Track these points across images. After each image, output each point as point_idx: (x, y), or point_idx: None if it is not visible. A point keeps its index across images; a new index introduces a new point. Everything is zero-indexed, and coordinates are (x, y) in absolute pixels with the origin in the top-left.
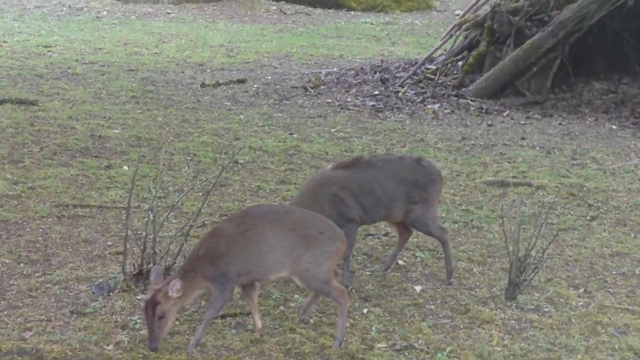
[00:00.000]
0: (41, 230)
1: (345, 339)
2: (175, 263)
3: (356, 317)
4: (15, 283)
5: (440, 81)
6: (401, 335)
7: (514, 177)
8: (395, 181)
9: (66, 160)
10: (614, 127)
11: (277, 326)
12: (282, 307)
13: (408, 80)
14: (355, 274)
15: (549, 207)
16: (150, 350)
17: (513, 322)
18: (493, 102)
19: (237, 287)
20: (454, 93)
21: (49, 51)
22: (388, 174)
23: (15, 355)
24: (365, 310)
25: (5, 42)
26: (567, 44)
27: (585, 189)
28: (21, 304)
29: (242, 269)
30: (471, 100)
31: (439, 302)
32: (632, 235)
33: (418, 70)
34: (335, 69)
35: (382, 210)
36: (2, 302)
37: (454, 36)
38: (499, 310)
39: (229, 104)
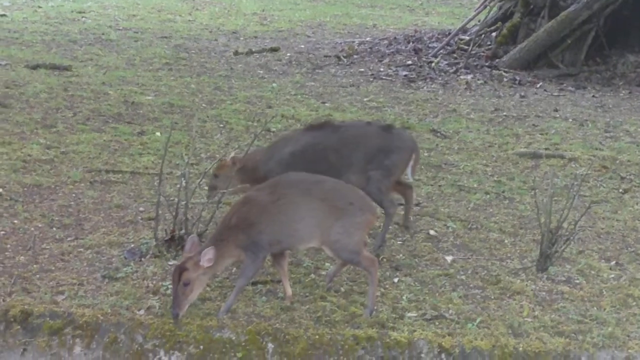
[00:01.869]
0: (74, 195)
1: (375, 308)
2: (207, 230)
3: (387, 286)
4: (48, 247)
5: (473, 52)
6: (432, 305)
7: (546, 149)
8: (355, 147)
9: (99, 125)
10: None
11: (307, 294)
12: (312, 275)
13: (441, 51)
14: (386, 242)
15: (581, 179)
16: (172, 316)
17: (544, 293)
18: (526, 73)
19: (268, 255)
20: (487, 64)
21: (82, 17)
22: (349, 139)
23: (48, 319)
24: (396, 280)
25: (39, 7)
26: (602, 16)
27: (617, 161)
28: (54, 268)
29: (273, 238)
30: (504, 72)
31: (469, 272)
32: None
33: (451, 41)
34: (368, 39)
35: (335, 175)
36: (35, 266)
37: (488, 7)
38: (530, 281)
39: (261, 72)
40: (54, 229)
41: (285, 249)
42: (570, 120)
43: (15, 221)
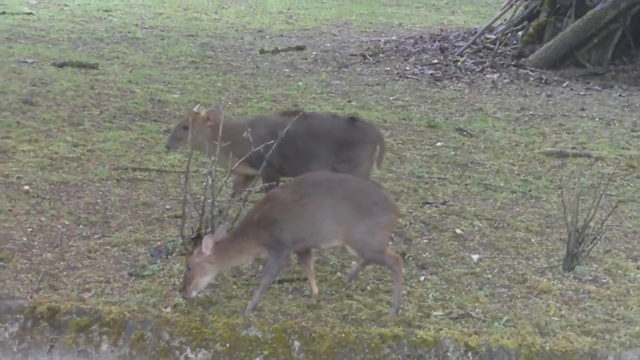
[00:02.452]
0: (100, 192)
1: (401, 306)
2: (233, 227)
3: (413, 284)
4: (74, 244)
5: (499, 51)
6: (458, 304)
7: (573, 148)
8: (320, 138)
9: (126, 123)
10: None
11: (334, 292)
12: (339, 274)
13: (467, 50)
14: (412, 241)
15: (608, 178)
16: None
17: (571, 292)
18: (552, 72)
19: (293, 253)
20: (513, 63)
21: (109, 15)
22: (315, 129)
23: (74, 316)
24: (422, 278)
25: (66, 5)
26: (629, 16)
27: None
28: (80, 265)
29: (296, 236)
30: (530, 71)
31: (496, 271)
32: None
33: (477, 40)
34: (394, 37)
35: (301, 163)
36: (62, 263)
37: (514, 6)
38: (556, 280)
39: (287, 70)
40: (81, 226)
41: (309, 247)
42: (597, 119)
43: (43, 218)
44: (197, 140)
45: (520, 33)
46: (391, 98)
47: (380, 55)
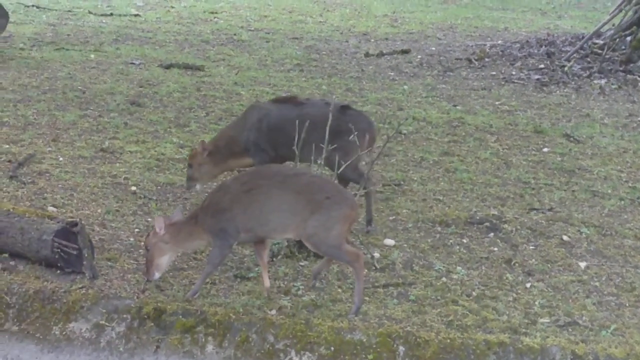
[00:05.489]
0: (206, 194)
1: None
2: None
3: (519, 291)
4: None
5: (607, 56)
6: (565, 311)
7: None
8: (312, 126)
9: None
10: None
11: (439, 297)
12: (444, 279)
13: (574, 55)
14: (518, 248)
15: None
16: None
17: None
18: None
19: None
20: (621, 69)
21: (215, 17)
22: (307, 117)
23: (180, 316)
24: (528, 285)
25: (172, 7)
26: None
27: None
28: (186, 267)
29: (244, 226)
30: (639, 76)
31: (604, 279)
32: None
33: (585, 45)
34: (499, 42)
35: (287, 149)
36: None
37: (623, 11)
38: None
39: (392, 74)
40: None
41: (259, 238)
42: None
43: (149, 219)
44: (204, 171)
45: (628, 38)
46: (497, 103)
47: (486, 59)
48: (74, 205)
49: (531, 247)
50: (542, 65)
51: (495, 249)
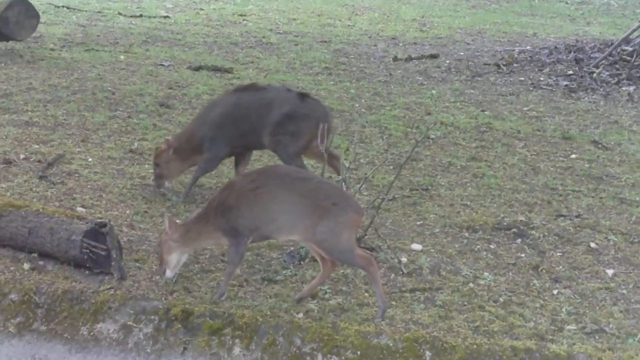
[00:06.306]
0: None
1: (386, 308)
2: (365, 235)
3: (546, 298)
4: (209, 247)
5: (636, 63)
6: (592, 319)
7: None
8: (270, 109)
9: None
10: None
11: (465, 303)
12: (471, 284)
13: (603, 61)
14: (545, 254)
15: None
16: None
17: None
18: None
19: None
20: None
21: (244, 20)
22: (266, 101)
23: (208, 319)
24: (555, 292)
25: (201, 9)
26: None
27: None
28: (214, 269)
29: (251, 224)
30: None
31: (631, 286)
32: None
33: (614, 51)
34: (528, 47)
35: (254, 136)
36: (196, 266)
37: None
38: None
39: (420, 78)
40: None
41: (266, 237)
42: None
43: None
44: (172, 168)
45: None
46: (525, 109)
47: (514, 65)
48: (102, 206)
49: (558, 254)
50: (570, 72)
51: (523, 255)
